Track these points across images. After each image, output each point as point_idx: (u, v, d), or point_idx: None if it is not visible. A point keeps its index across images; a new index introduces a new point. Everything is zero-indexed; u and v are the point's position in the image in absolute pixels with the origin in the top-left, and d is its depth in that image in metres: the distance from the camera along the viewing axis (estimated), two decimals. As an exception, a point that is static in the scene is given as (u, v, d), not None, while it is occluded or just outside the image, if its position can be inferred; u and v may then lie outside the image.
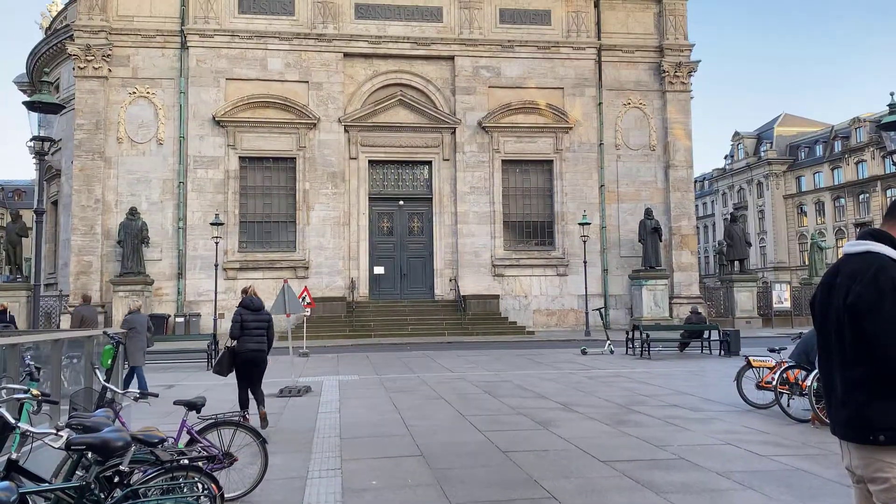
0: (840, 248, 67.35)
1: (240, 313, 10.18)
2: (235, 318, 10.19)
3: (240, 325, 10.05)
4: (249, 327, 10.07)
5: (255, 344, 10.07)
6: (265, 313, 10.32)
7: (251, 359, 10.05)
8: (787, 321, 32.39)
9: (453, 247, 30.55)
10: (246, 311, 10.18)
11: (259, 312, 10.25)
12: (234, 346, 10.07)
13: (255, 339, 10.09)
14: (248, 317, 10.13)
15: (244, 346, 10.02)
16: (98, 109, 28.57)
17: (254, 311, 10.22)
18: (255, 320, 10.14)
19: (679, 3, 32.65)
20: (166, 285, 28.58)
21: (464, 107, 30.87)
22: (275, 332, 10.87)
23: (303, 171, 29.79)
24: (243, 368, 10.08)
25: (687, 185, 32.46)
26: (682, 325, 23.26)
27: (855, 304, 2.89)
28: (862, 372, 2.88)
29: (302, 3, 30.32)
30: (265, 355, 10.28)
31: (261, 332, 10.14)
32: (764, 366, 11.49)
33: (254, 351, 10.05)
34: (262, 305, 10.36)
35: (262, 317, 10.23)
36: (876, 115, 61.28)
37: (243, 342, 10.04)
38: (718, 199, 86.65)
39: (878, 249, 2.97)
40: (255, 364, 10.12)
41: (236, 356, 10.05)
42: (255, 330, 10.09)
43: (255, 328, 10.09)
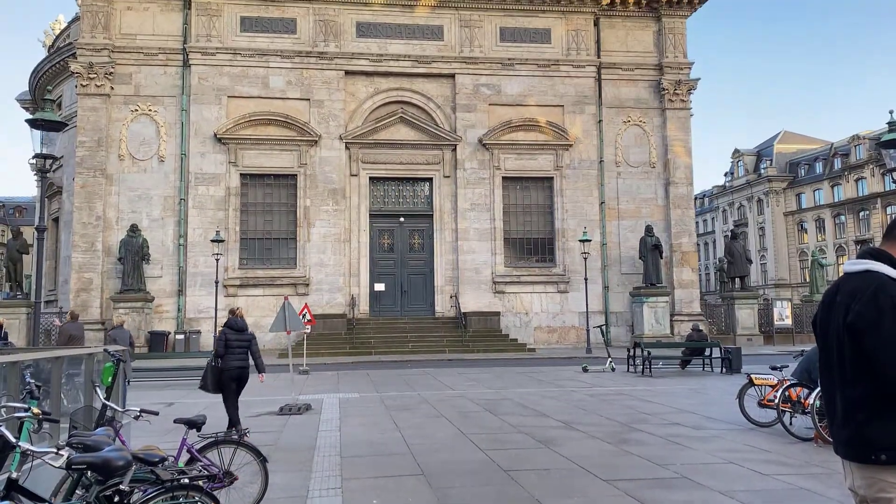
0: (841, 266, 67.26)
1: (224, 333, 10.90)
2: (220, 337, 10.92)
3: (224, 344, 10.74)
4: (232, 346, 10.76)
5: (238, 361, 10.76)
6: (248, 333, 11.05)
7: (235, 376, 10.74)
8: (788, 338, 32.33)
9: (454, 263, 30.55)
10: (230, 331, 10.87)
11: (242, 333, 10.94)
12: (220, 364, 10.69)
13: (238, 357, 10.79)
14: (232, 336, 10.81)
15: (228, 364, 10.70)
16: (100, 127, 28.70)
17: (237, 331, 10.90)
18: (238, 339, 10.83)
19: (678, 21, 32.87)
20: (166, 302, 28.57)
21: (464, 124, 30.99)
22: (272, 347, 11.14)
23: (304, 188, 29.86)
24: (229, 385, 10.72)
25: (687, 202, 32.51)
26: (684, 343, 23.20)
27: (854, 323, 2.89)
28: (863, 391, 2.88)
29: (304, 21, 30.54)
30: (248, 372, 10.90)
31: (243, 351, 10.85)
32: (766, 384, 11.45)
33: (238, 368, 10.75)
34: (245, 326, 11.08)
35: (244, 337, 10.93)
36: (875, 132, 61.52)
37: (227, 360, 10.71)
38: (719, 216, 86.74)
39: (877, 268, 2.98)
40: (238, 380, 10.80)
41: (221, 373, 10.69)
42: (237, 349, 10.79)
43: (237, 347, 10.79)
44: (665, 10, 32.54)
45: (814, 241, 71.95)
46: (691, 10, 32.90)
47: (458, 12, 31.45)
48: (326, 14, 30.59)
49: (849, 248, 67.95)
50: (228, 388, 10.73)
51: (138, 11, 29.74)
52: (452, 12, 31.45)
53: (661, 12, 32.58)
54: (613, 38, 32.77)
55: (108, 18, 29.31)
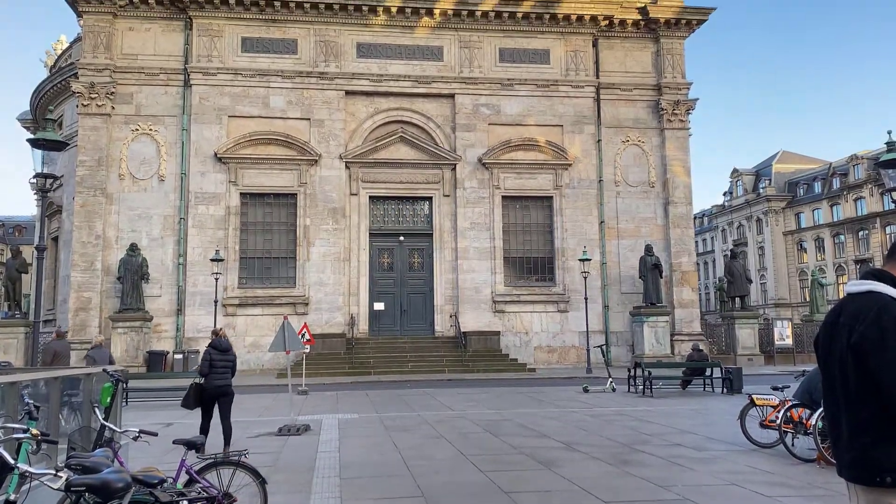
0: (841, 285, 67.30)
1: (209, 353, 11.33)
2: (205, 356, 11.34)
3: (209, 364, 11.21)
4: (217, 365, 11.25)
5: (221, 380, 11.28)
6: (231, 353, 11.61)
7: (218, 394, 11.25)
8: (789, 358, 32.23)
9: (454, 283, 30.53)
10: (215, 351, 11.34)
11: (227, 353, 11.47)
12: (203, 383, 11.19)
13: (221, 376, 11.29)
14: (217, 356, 11.30)
15: (211, 383, 11.20)
16: (100, 146, 28.79)
17: (222, 351, 11.41)
18: (222, 359, 11.34)
19: (676, 42, 33.10)
20: (165, 321, 28.49)
21: (464, 143, 31.11)
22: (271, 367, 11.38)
23: (303, 207, 29.90)
24: (210, 403, 11.26)
25: (686, 221, 32.56)
26: (684, 363, 23.10)
27: (858, 345, 2.88)
28: (867, 412, 2.85)
29: (304, 42, 30.74)
30: (231, 388, 11.46)
31: (226, 370, 11.35)
32: (767, 404, 11.39)
33: (220, 386, 11.26)
34: (229, 347, 11.63)
35: (228, 357, 11.47)
36: (873, 152, 61.77)
37: (211, 379, 11.21)
38: (718, 236, 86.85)
39: (880, 289, 2.97)
40: (223, 395, 11.31)
41: (204, 391, 11.18)
42: (221, 368, 11.29)
43: (221, 366, 11.29)
44: (663, 31, 32.79)
45: (813, 261, 71.99)
46: (689, 31, 33.15)
47: (458, 33, 31.68)
48: (327, 35, 30.80)
49: (848, 268, 67.98)
50: (208, 405, 11.22)
51: (140, 32, 29.95)
52: (452, 33, 31.68)
53: (660, 33, 32.83)
54: (612, 59, 32.99)
55: (110, 39, 29.50)
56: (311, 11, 30.40)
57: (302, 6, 30.22)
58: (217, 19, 30.04)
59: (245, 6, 29.95)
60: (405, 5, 30.79)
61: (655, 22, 32.60)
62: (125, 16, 29.72)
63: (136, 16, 29.81)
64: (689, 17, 32.75)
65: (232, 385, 11.50)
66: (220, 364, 11.28)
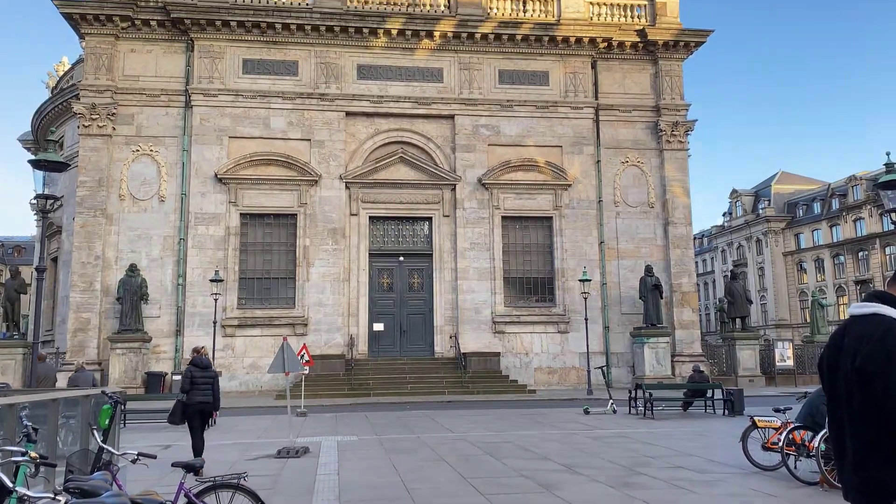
0: (841, 306, 67.24)
1: (190, 370, 11.79)
2: (186, 374, 11.78)
3: (190, 381, 11.63)
4: (198, 383, 11.67)
5: (202, 397, 11.66)
6: (212, 371, 12.02)
7: (199, 410, 11.67)
8: (790, 380, 32.10)
9: (453, 303, 30.47)
10: (196, 369, 11.79)
11: (207, 370, 11.90)
12: (185, 399, 11.58)
13: (203, 393, 11.68)
14: (197, 374, 11.74)
15: (193, 399, 11.61)
16: (101, 167, 28.85)
17: (202, 368, 11.85)
18: (203, 377, 11.75)
19: (675, 64, 33.31)
20: (164, 342, 28.39)
21: (464, 164, 31.20)
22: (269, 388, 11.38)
23: (303, 228, 29.92)
24: (195, 419, 11.65)
25: (686, 242, 32.57)
26: (685, 384, 22.99)
27: (863, 367, 2.87)
28: (873, 435, 2.84)
29: (305, 64, 30.93)
30: (211, 407, 11.89)
31: (207, 387, 11.74)
32: (770, 426, 11.33)
33: (201, 403, 11.65)
34: (209, 364, 12.09)
35: (208, 374, 11.87)
36: (872, 173, 61.96)
37: (192, 395, 11.61)
38: (718, 256, 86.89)
39: (884, 311, 2.97)
40: (202, 413, 11.76)
41: (186, 407, 11.58)
42: (202, 385, 11.69)
43: (202, 383, 11.70)
44: (661, 53, 33.01)
45: (813, 282, 71.97)
46: (687, 52, 33.38)
47: (458, 55, 31.90)
48: (328, 57, 31.00)
49: (849, 289, 67.95)
50: (194, 421, 11.63)
51: (141, 54, 30.14)
52: (452, 55, 31.90)
53: (658, 55, 33.05)
54: (611, 81, 33.18)
55: (112, 60, 29.67)
56: (311, 34, 30.63)
57: (303, 28, 30.45)
58: (218, 41, 30.25)
59: (246, 28, 30.17)
60: (406, 28, 31.03)
61: (654, 44, 32.83)
62: (127, 38, 29.92)
63: (137, 38, 30.02)
64: (688, 39, 33.00)
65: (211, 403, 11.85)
66: (201, 381, 11.67)
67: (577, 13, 32.65)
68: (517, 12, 32.69)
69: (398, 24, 30.92)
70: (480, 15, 31.67)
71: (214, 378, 11.96)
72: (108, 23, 29.35)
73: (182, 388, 11.69)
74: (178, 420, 11.61)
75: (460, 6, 31.78)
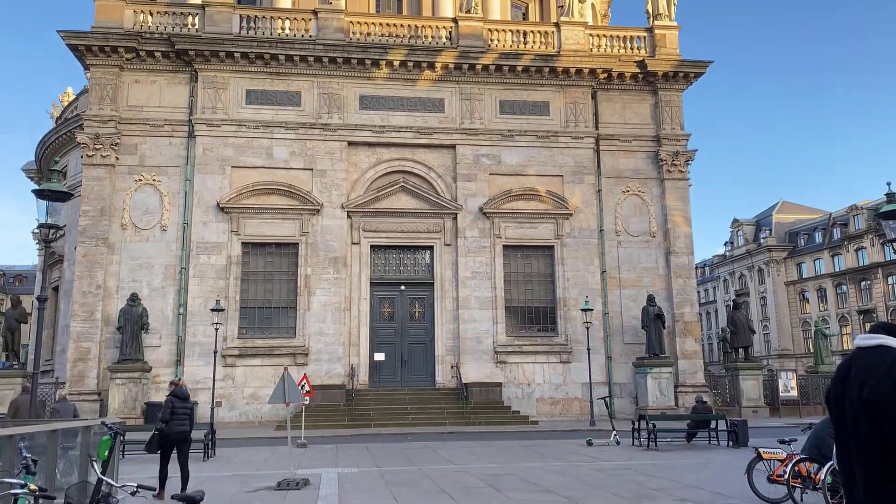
0: (844, 336, 66.98)
1: (171, 401, 12.33)
2: (167, 404, 12.29)
3: (170, 411, 12.15)
4: (178, 412, 12.19)
5: (180, 426, 12.20)
6: (190, 402, 12.68)
7: (179, 439, 12.13)
8: (794, 411, 31.82)
9: (454, 332, 30.35)
10: (176, 399, 12.35)
11: (186, 401, 12.49)
12: (164, 428, 12.04)
13: (181, 422, 12.22)
14: (178, 404, 12.28)
15: (172, 429, 12.09)
16: (104, 196, 28.95)
17: (182, 399, 12.43)
18: (182, 407, 12.32)
19: (675, 94, 33.56)
20: (164, 372, 28.22)
21: (465, 193, 31.30)
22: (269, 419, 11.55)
23: (305, 257, 29.93)
24: (170, 448, 12.08)
25: (688, 271, 32.52)
26: (689, 415, 22.85)
27: (870, 399, 2.85)
28: (883, 466, 2.81)
29: (308, 94, 31.19)
30: (189, 434, 12.50)
31: (185, 417, 12.30)
32: (775, 458, 11.22)
33: (180, 432, 12.17)
34: (188, 395, 12.69)
35: (187, 404, 12.47)
36: (873, 202, 62.12)
37: (172, 425, 12.11)
38: (720, 286, 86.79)
39: (890, 343, 2.97)
40: (182, 440, 12.19)
41: (165, 437, 12.05)
42: (182, 415, 12.25)
43: (181, 413, 12.26)
44: (661, 83, 33.27)
45: (816, 311, 71.77)
46: (687, 83, 33.65)
47: (459, 86, 32.17)
48: (330, 87, 31.27)
49: (852, 318, 67.74)
50: (168, 450, 12.09)
51: (146, 84, 30.41)
52: (453, 86, 32.17)
53: (658, 86, 33.30)
54: (611, 111, 33.40)
55: (116, 91, 29.93)
56: (314, 65, 30.93)
57: (306, 60, 30.75)
58: (222, 72, 30.53)
59: (250, 60, 30.48)
60: (407, 59, 31.34)
61: (653, 75, 33.11)
62: (132, 69, 30.21)
63: (142, 69, 30.31)
64: (687, 70, 33.28)
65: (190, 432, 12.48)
66: (181, 411, 12.24)
67: (577, 45, 32.98)
68: (518, 44, 33.03)
69: (400, 55, 31.24)
70: (481, 46, 32.01)
71: (192, 409, 12.61)
72: (113, 54, 29.66)
73: (162, 417, 12.16)
74: (155, 449, 12.09)
75: (461, 38, 32.14)
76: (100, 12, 30.12)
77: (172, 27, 30.78)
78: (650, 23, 34.27)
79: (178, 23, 30.94)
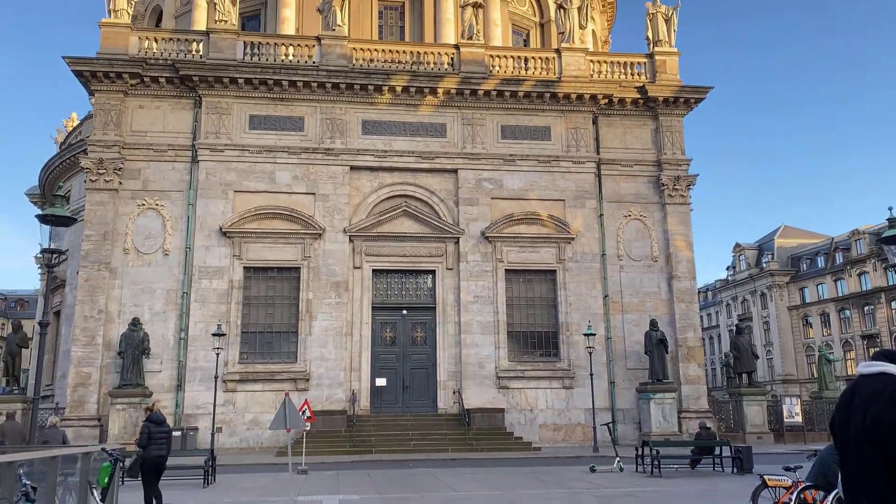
0: (849, 361, 66.64)
1: (147, 426, 12.55)
2: (144, 430, 12.52)
3: (147, 436, 12.37)
4: (155, 437, 12.43)
5: (158, 450, 12.41)
6: (166, 426, 12.96)
7: (157, 463, 12.36)
8: (799, 437, 31.56)
9: (457, 357, 30.22)
10: (152, 425, 12.60)
11: (162, 425, 12.76)
12: (142, 454, 12.27)
13: (159, 447, 12.45)
14: (154, 429, 12.53)
15: (150, 454, 12.29)
16: (107, 221, 29.00)
17: (158, 424, 12.69)
18: (159, 431, 12.59)
19: (675, 119, 33.70)
20: (165, 397, 28.04)
21: (467, 217, 31.34)
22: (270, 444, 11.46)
23: (306, 281, 29.89)
24: (152, 473, 12.26)
25: (691, 296, 32.43)
26: (693, 441, 22.65)
27: (873, 427, 2.86)
28: (887, 492, 2.81)
29: (311, 119, 31.37)
30: (166, 460, 12.72)
31: (163, 441, 12.56)
32: (780, 485, 11.11)
33: (158, 456, 12.40)
34: (164, 420, 12.98)
35: (163, 429, 12.74)
36: (875, 227, 62.14)
37: (150, 450, 12.31)
38: (722, 310, 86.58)
39: (892, 370, 2.98)
40: (158, 466, 12.40)
41: (144, 461, 12.22)
42: (159, 439, 12.51)
43: (159, 438, 12.52)
44: (662, 109, 33.43)
45: (819, 336, 71.48)
46: (687, 108, 33.81)
47: (461, 111, 32.36)
48: (333, 113, 31.46)
49: (856, 343, 67.45)
50: (149, 475, 12.22)
51: (150, 110, 30.62)
52: (455, 111, 32.36)
53: (658, 111, 33.46)
54: (612, 136, 33.53)
55: (120, 116, 30.13)
56: (318, 90, 31.15)
57: (309, 85, 30.98)
58: (226, 98, 30.75)
59: (254, 85, 30.71)
60: (410, 85, 31.56)
61: (654, 100, 33.28)
62: (136, 94, 30.44)
63: (146, 94, 30.53)
64: (687, 95, 33.46)
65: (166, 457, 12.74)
66: (158, 435, 12.49)
67: (578, 71, 33.22)
68: (519, 70, 33.27)
69: (403, 81, 31.46)
70: (483, 72, 32.24)
71: (169, 432, 12.91)
72: (118, 80, 29.89)
73: (140, 442, 12.39)
74: (137, 474, 12.24)
75: (463, 64, 32.39)
76: (105, 39, 30.44)
77: (177, 53, 31.07)
78: (650, 49, 34.54)
79: (183, 49, 31.24)
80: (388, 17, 40.78)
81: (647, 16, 34.94)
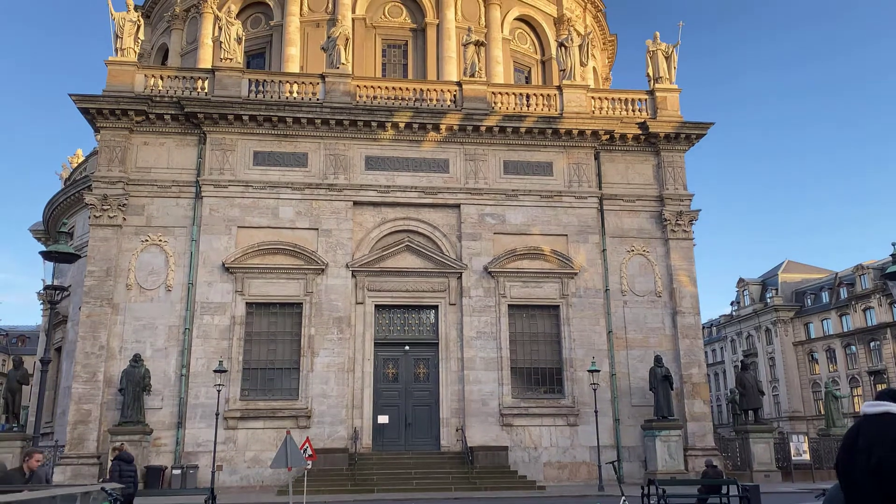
0: (855, 397, 65.98)
1: (118, 465, 13.34)
2: (114, 469, 13.37)
3: (118, 474, 13.06)
4: (125, 475, 13.12)
5: (127, 488, 12.80)
6: (133, 464, 13.84)
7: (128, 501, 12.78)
8: (807, 475, 31.11)
9: (460, 394, 29.95)
10: (123, 463, 13.34)
11: (130, 463, 13.61)
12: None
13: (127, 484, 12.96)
14: (125, 467, 13.27)
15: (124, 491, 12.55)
16: (110, 257, 29.03)
17: (127, 462, 13.44)
18: (129, 469, 13.37)
19: (677, 155, 33.83)
20: (165, 435, 27.82)
21: (470, 252, 31.33)
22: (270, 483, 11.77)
23: (309, 317, 29.79)
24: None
25: (695, 332, 32.21)
26: (700, 480, 22.30)
27: (878, 470, 2.79)
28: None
29: (314, 155, 31.57)
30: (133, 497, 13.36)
31: (131, 479, 13.30)
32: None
33: (129, 494, 12.91)
34: (133, 458, 13.85)
35: (132, 467, 13.56)
36: (879, 262, 62.00)
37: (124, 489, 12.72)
38: (727, 346, 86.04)
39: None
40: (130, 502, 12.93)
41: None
42: (128, 477, 13.21)
43: (128, 476, 13.23)
44: (663, 144, 33.58)
45: (826, 372, 70.91)
46: (689, 144, 33.96)
47: (464, 147, 32.55)
48: (337, 149, 31.67)
49: (862, 380, 66.85)
50: None
51: (154, 146, 30.85)
52: (458, 147, 32.56)
53: (660, 147, 33.59)
54: (614, 171, 33.64)
55: (125, 153, 30.34)
56: (321, 127, 31.41)
57: (313, 122, 31.25)
58: (230, 134, 30.99)
59: (258, 122, 30.98)
60: (413, 121, 31.81)
61: (655, 136, 33.45)
62: (141, 131, 30.70)
63: (151, 131, 30.79)
64: (689, 131, 33.62)
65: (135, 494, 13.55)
66: (128, 473, 13.23)
67: (580, 107, 33.47)
68: (521, 106, 33.54)
69: (406, 117, 31.72)
70: (485, 109, 32.51)
71: (135, 470, 13.81)
72: (124, 117, 30.17)
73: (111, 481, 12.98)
74: None
75: (466, 101, 32.67)
76: (112, 76, 30.81)
77: (182, 91, 31.41)
78: (651, 86, 34.82)
79: (188, 86, 31.59)
80: (392, 55, 41.34)
81: (647, 53, 35.28)
